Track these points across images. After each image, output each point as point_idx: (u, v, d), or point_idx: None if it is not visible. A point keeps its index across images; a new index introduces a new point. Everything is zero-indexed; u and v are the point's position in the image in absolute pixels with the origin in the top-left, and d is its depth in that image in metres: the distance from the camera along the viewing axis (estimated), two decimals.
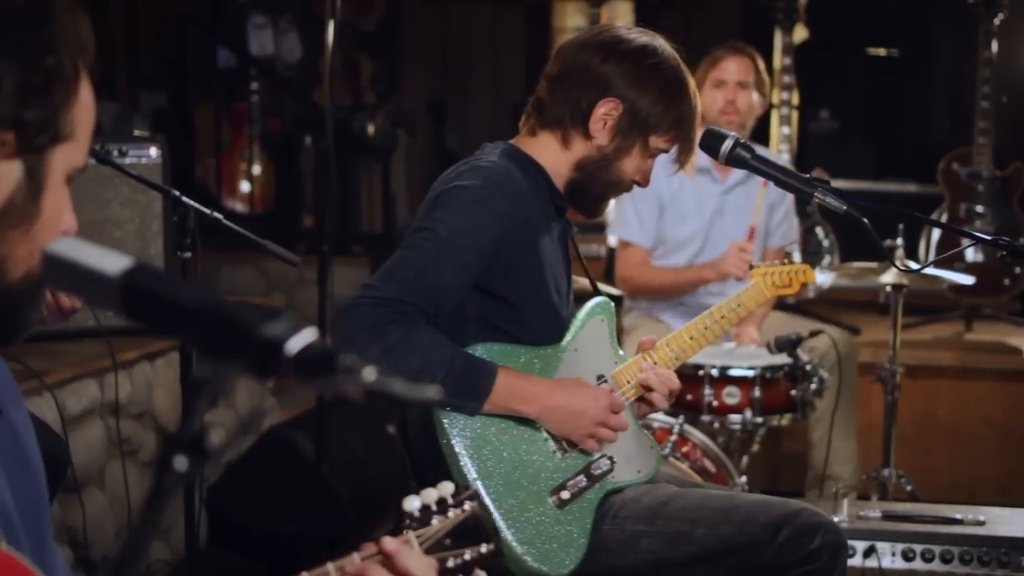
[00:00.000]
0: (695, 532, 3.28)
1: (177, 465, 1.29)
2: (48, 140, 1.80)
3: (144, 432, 5.20)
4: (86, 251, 1.54)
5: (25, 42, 1.78)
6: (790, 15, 7.65)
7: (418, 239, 3.21)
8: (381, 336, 3.07)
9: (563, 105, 3.37)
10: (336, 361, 1.39)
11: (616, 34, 3.38)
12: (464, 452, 3.19)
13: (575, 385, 3.29)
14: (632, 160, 3.38)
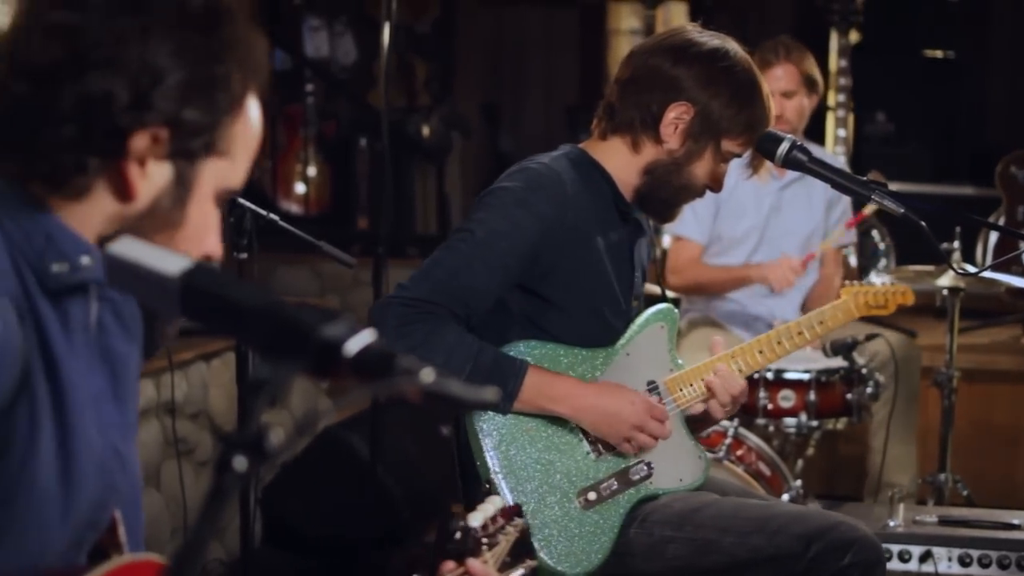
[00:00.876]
0: (724, 541, 3.23)
1: (236, 465, 1.29)
2: (202, 148, 1.82)
3: (200, 432, 5.22)
4: (146, 252, 1.55)
5: (195, 43, 1.80)
6: (847, 17, 7.61)
7: (456, 240, 3.24)
8: (406, 335, 3.10)
9: (633, 109, 3.33)
10: (394, 362, 1.39)
11: (687, 37, 3.34)
12: (489, 446, 3.21)
13: (611, 387, 3.28)
14: (704, 165, 3.33)
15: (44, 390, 1.77)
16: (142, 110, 1.77)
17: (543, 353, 3.28)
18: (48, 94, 1.77)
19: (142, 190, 1.80)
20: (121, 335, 1.89)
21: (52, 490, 1.78)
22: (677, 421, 3.41)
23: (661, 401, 3.37)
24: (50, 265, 1.78)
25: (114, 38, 1.77)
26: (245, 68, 1.85)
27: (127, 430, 1.94)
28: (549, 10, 11.07)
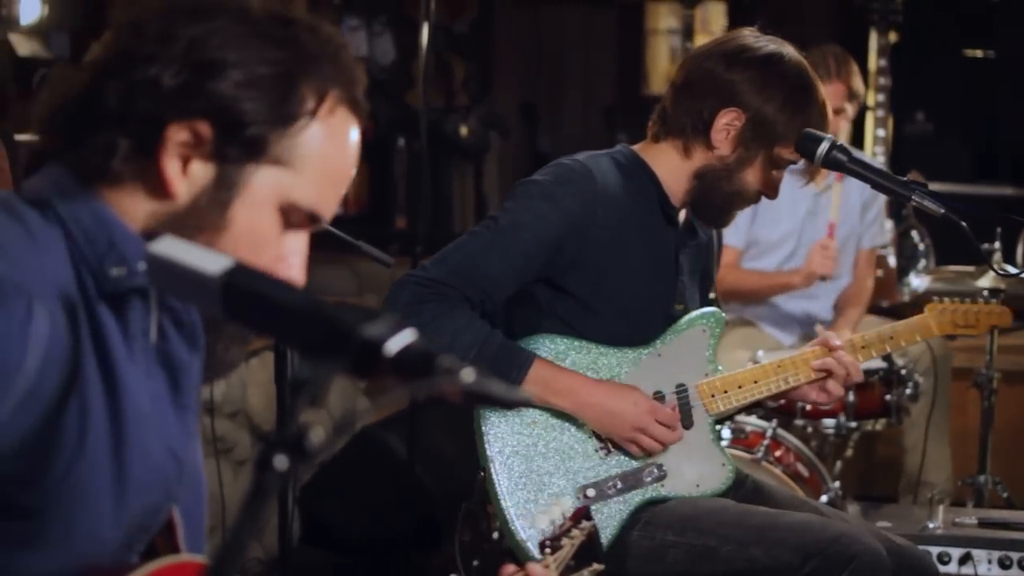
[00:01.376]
0: (722, 549, 3.18)
1: (277, 464, 1.29)
2: (248, 152, 1.80)
3: (238, 431, 5.24)
4: (187, 251, 1.56)
5: (256, 44, 1.79)
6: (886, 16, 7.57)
7: (480, 227, 3.27)
8: (415, 313, 3.13)
9: (685, 114, 3.32)
10: (435, 362, 1.40)
11: (742, 42, 3.33)
12: (489, 433, 3.23)
13: (616, 387, 3.27)
14: (756, 171, 3.31)
15: (99, 394, 1.77)
16: (183, 99, 1.76)
17: (563, 347, 3.28)
18: (99, 88, 1.78)
19: (180, 188, 1.79)
20: (182, 343, 1.88)
21: (104, 494, 1.79)
22: (704, 426, 3.39)
23: (688, 405, 3.35)
24: (109, 269, 1.78)
25: (172, 32, 1.77)
26: (322, 81, 1.83)
27: (187, 437, 1.94)
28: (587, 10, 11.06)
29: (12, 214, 1.79)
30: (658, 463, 3.31)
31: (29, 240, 1.75)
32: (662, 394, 3.34)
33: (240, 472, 5.29)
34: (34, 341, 1.67)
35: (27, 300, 1.67)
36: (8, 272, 1.68)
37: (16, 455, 1.70)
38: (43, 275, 1.73)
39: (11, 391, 1.66)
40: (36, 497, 1.73)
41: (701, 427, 3.37)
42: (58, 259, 1.76)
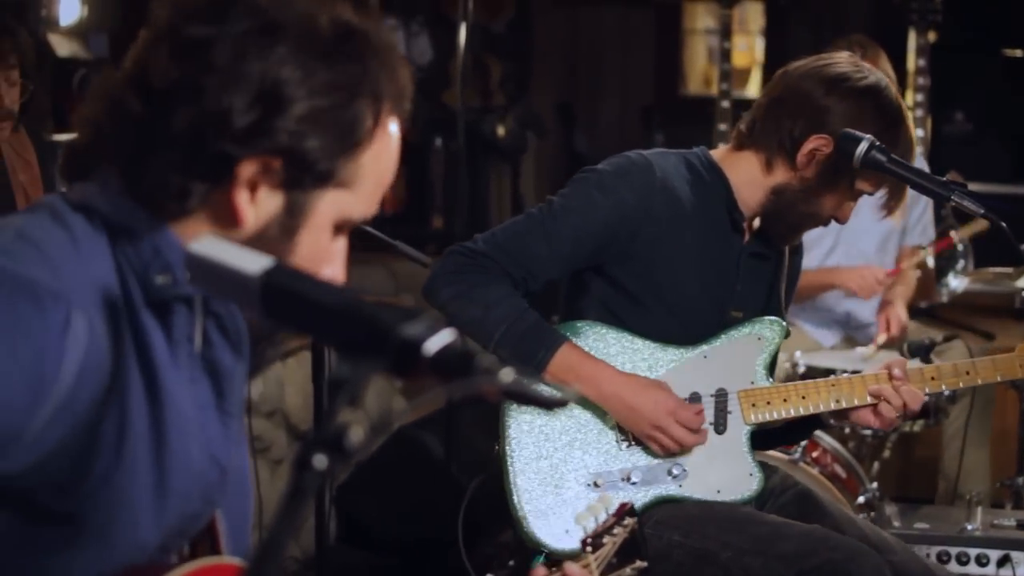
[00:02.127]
0: (722, 555, 3.16)
1: (316, 464, 1.29)
2: (317, 181, 1.80)
3: (275, 430, 5.25)
4: (227, 250, 1.56)
5: (324, 74, 1.78)
6: (925, 16, 7.53)
7: (535, 208, 3.30)
8: (454, 282, 3.19)
9: (774, 130, 3.30)
10: (474, 362, 1.39)
11: (844, 70, 3.29)
12: (510, 412, 3.25)
13: (642, 382, 3.26)
14: (834, 198, 3.30)
15: (141, 401, 1.77)
16: (256, 137, 1.75)
17: (603, 335, 3.29)
18: (163, 114, 1.76)
19: (249, 217, 1.79)
20: (227, 349, 1.88)
21: (144, 500, 1.79)
22: (738, 434, 3.36)
23: (725, 410, 3.34)
24: (154, 276, 1.78)
25: (240, 59, 1.75)
26: (380, 97, 1.82)
27: (232, 444, 1.94)
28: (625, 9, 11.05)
29: (57, 219, 1.79)
30: (679, 463, 3.31)
31: (72, 246, 1.75)
32: (698, 396, 3.33)
33: (277, 471, 5.30)
34: (71, 349, 1.67)
35: (66, 308, 1.68)
36: (47, 280, 1.68)
37: (53, 461, 1.70)
38: (84, 282, 1.73)
39: (47, 399, 1.66)
40: (73, 502, 1.73)
41: (735, 434, 3.35)
42: (102, 265, 1.77)
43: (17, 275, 1.67)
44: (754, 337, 3.38)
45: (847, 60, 3.35)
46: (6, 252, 1.71)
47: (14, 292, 1.66)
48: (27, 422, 1.66)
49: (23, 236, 1.74)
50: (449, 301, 3.18)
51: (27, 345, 1.65)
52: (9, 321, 1.64)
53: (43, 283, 1.68)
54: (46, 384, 1.66)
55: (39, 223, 1.78)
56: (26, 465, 1.69)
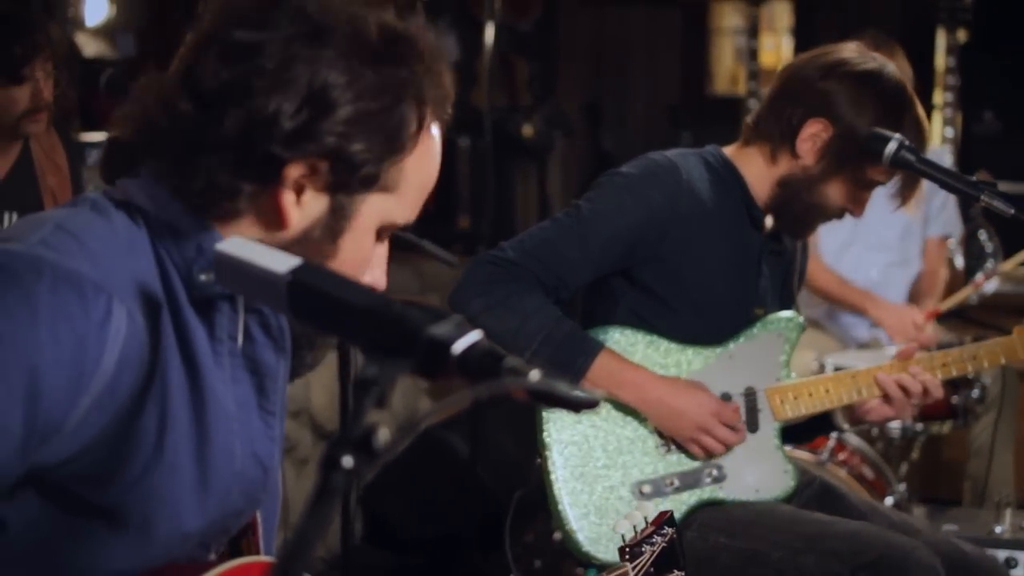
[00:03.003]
0: (773, 555, 3.15)
1: (344, 464, 1.29)
2: (362, 184, 1.81)
3: (301, 430, 5.25)
4: (255, 250, 1.56)
5: (371, 78, 1.79)
6: (954, 14, 7.50)
7: (562, 214, 3.29)
8: (487, 292, 3.16)
9: (776, 120, 3.31)
10: (502, 362, 1.39)
11: (842, 56, 3.29)
12: (549, 419, 3.23)
13: (683, 385, 3.26)
14: (840, 186, 3.28)
15: (183, 397, 1.78)
16: (304, 140, 1.76)
17: (634, 340, 3.28)
18: (213, 115, 1.77)
19: (294, 219, 1.80)
20: (269, 347, 1.90)
21: (185, 496, 1.80)
22: (769, 431, 3.36)
23: (755, 409, 3.33)
24: (198, 274, 1.79)
25: (289, 62, 1.76)
26: (424, 102, 1.83)
27: (273, 442, 1.95)
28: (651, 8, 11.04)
29: (98, 212, 1.80)
30: (718, 464, 3.30)
31: (114, 240, 1.77)
32: (729, 396, 3.32)
33: (303, 471, 5.31)
34: (112, 340, 1.69)
35: (107, 299, 1.69)
36: (90, 271, 1.70)
37: (91, 453, 1.72)
38: (126, 276, 1.74)
39: (88, 388, 1.68)
40: (112, 496, 1.75)
41: (766, 432, 3.35)
42: (143, 261, 1.78)
43: (59, 265, 1.69)
44: (775, 334, 3.38)
45: (850, 48, 3.35)
46: (46, 243, 1.72)
47: (55, 282, 1.67)
48: (68, 412, 1.68)
49: (63, 228, 1.75)
50: (482, 312, 3.14)
51: (70, 334, 1.66)
52: (52, 311, 1.66)
53: (84, 274, 1.69)
54: (87, 374, 1.67)
55: (80, 216, 1.80)
56: (65, 456, 1.71)
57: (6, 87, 3.98)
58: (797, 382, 3.38)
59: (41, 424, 1.66)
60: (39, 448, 1.68)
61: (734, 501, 3.30)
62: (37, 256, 1.69)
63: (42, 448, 1.68)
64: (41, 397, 1.65)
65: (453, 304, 3.21)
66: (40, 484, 1.73)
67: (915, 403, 3.35)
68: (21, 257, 1.69)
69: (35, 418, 1.65)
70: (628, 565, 2.24)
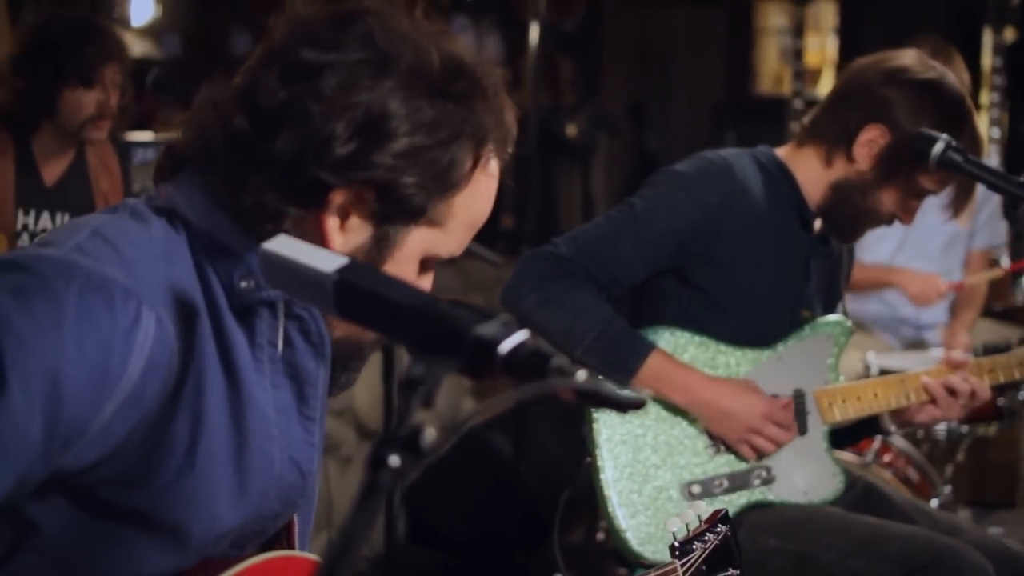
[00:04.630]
0: (824, 558, 3.13)
1: (391, 463, 1.29)
2: (408, 217, 1.81)
3: (344, 429, 5.26)
4: (301, 249, 1.56)
5: (429, 110, 1.78)
6: (1001, 14, 7.45)
7: (615, 210, 3.28)
8: (540, 288, 3.15)
9: (833, 123, 3.29)
10: (548, 362, 1.39)
11: (904, 63, 3.26)
12: (599, 419, 3.21)
13: (734, 386, 3.24)
14: (893, 193, 3.25)
15: (222, 403, 1.78)
16: (353, 168, 1.76)
17: (683, 341, 3.27)
18: (266, 134, 1.77)
19: (337, 243, 1.80)
20: (310, 353, 1.88)
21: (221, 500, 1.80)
22: (818, 434, 3.35)
23: (804, 411, 3.32)
24: (238, 282, 1.79)
25: (348, 89, 1.76)
26: (483, 140, 1.83)
27: (312, 448, 1.94)
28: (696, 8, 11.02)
29: (137, 218, 1.80)
30: (767, 466, 3.29)
31: (148, 246, 1.76)
32: (778, 398, 3.31)
33: (347, 470, 5.32)
34: (139, 347, 1.68)
35: (136, 306, 1.69)
36: (121, 277, 1.70)
37: (118, 458, 1.71)
38: (159, 281, 1.74)
39: (112, 395, 1.68)
40: (143, 500, 1.75)
41: (815, 435, 3.34)
42: (180, 268, 1.78)
43: (90, 272, 1.69)
44: (823, 337, 3.37)
45: (912, 55, 3.32)
46: (81, 249, 1.72)
47: (84, 288, 1.67)
48: (92, 417, 1.67)
49: (99, 233, 1.76)
50: (534, 308, 3.14)
51: (94, 341, 1.66)
52: (78, 316, 1.66)
53: (115, 280, 1.69)
54: (111, 380, 1.67)
55: (117, 222, 1.80)
56: (91, 460, 1.70)
57: (75, 89, 4.02)
58: (846, 385, 3.36)
59: (64, 429, 1.66)
60: (62, 453, 1.68)
61: (783, 503, 3.29)
62: (70, 262, 1.69)
63: (66, 453, 1.68)
64: (63, 403, 1.65)
65: (505, 300, 3.20)
66: (70, 488, 1.73)
67: (963, 405, 3.33)
68: (53, 263, 1.69)
69: (57, 424, 1.65)
70: (677, 563, 2.23)
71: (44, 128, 4.11)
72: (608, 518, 3.19)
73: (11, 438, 1.63)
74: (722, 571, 2.28)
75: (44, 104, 4.05)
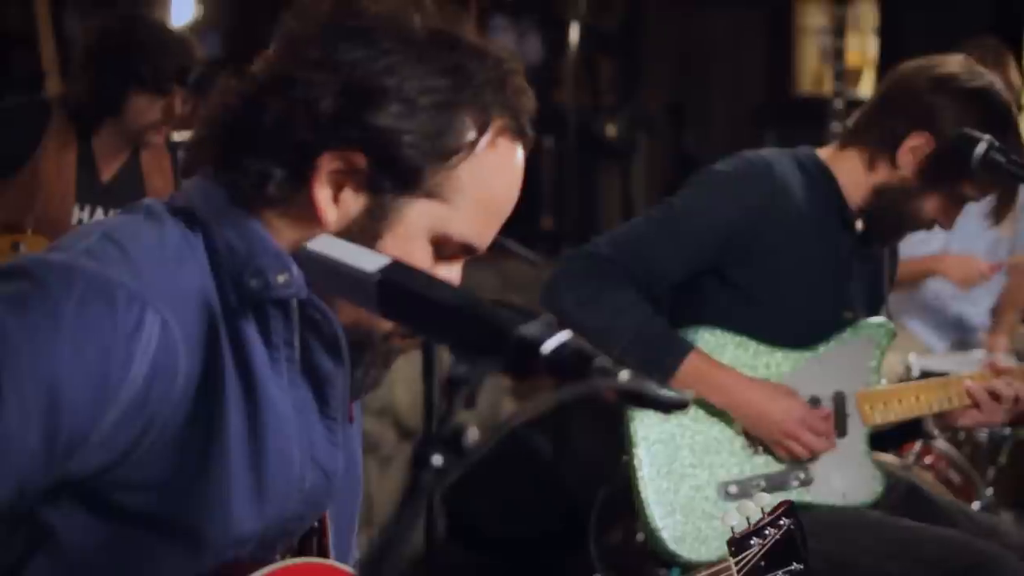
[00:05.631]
0: (861, 561, 3.12)
1: (434, 463, 1.29)
2: (402, 184, 1.77)
3: (384, 428, 5.27)
4: (344, 249, 1.56)
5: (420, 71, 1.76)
6: None
7: (655, 209, 3.29)
8: (579, 288, 3.15)
9: (878, 127, 3.28)
10: (591, 362, 1.38)
11: (953, 70, 3.25)
12: (637, 417, 3.21)
13: (772, 389, 3.24)
14: (935, 200, 3.25)
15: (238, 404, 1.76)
16: (340, 128, 1.74)
17: (724, 341, 3.27)
18: (256, 104, 1.77)
19: (330, 217, 1.77)
20: (326, 355, 1.86)
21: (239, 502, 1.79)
22: (858, 436, 3.34)
23: (844, 413, 3.30)
24: (248, 280, 1.77)
25: (331, 53, 1.75)
26: (485, 110, 1.79)
27: (336, 447, 1.92)
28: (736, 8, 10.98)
29: (150, 220, 1.79)
30: (805, 467, 3.28)
31: (160, 249, 1.75)
32: (818, 399, 3.30)
33: (387, 469, 5.32)
34: (141, 351, 1.67)
35: (140, 309, 1.67)
36: (127, 280, 1.68)
37: (127, 463, 1.70)
38: (168, 285, 1.72)
39: (114, 401, 1.66)
40: (157, 504, 1.73)
41: (855, 437, 3.32)
42: (194, 269, 1.76)
43: (94, 276, 1.67)
44: (865, 339, 3.36)
45: (960, 62, 3.30)
46: (89, 252, 1.71)
47: (87, 292, 1.66)
48: (93, 424, 1.66)
49: (109, 236, 1.74)
50: (574, 307, 3.14)
51: (94, 346, 1.64)
52: (79, 322, 1.64)
53: (119, 283, 1.68)
54: (112, 386, 1.66)
55: (130, 224, 1.79)
56: (98, 466, 1.69)
57: (145, 95, 4.05)
58: (887, 388, 3.36)
59: (65, 437, 1.65)
60: (65, 461, 1.67)
61: (821, 505, 3.28)
62: (73, 266, 1.68)
63: (69, 460, 1.67)
64: (62, 410, 1.64)
65: (544, 299, 3.20)
66: (83, 492, 1.72)
67: (1006, 409, 3.32)
68: (55, 268, 1.69)
69: (57, 431, 1.64)
70: (731, 560, 2.20)
71: (106, 126, 4.14)
72: (644, 517, 3.19)
73: (8, 447, 1.62)
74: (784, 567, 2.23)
75: (112, 104, 4.08)
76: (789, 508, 2.31)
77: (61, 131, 4.14)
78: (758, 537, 2.23)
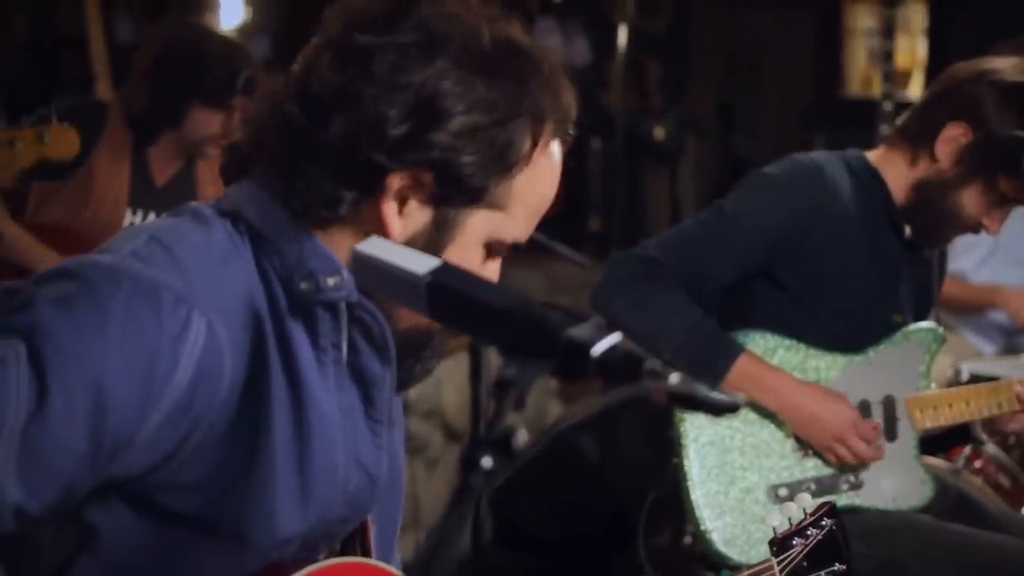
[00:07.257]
0: (911, 566, 3.11)
1: (484, 464, 1.29)
2: (468, 198, 1.80)
3: (431, 430, 5.28)
4: (394, 251, 1.56)
5: (484, 89, 1.78)
6: None
7: (706, 212, 3.28)
8: (627, 290, 3.15)
9: (920, 121, 3.28)
10: (642, 365, 1.38)
11: (996, 65, 3.23)
12: (687, 419, 3.21)
13: (823, 393, 3.23)
14: (974, 196, 3.22)
15: (285, 406, 1.77)
16: (408, 150, 1.75)
17: (773, 344, 3.26)
18: (320, 120, 1.77)
19: (396, 229, 1.79)
20: (374, 356, 1.87)
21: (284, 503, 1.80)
22: (908, 441, 3.33)
23: (894, 417, 3.29)
24: (298, 283, 1.78)
25: (400, 70, 1.75)
26: (541, 118, 1.81)
27: (381, 450, 1.93)
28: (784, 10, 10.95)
29: (198, 223, 1.81)
30: (855, 472, 3.27)
31: (207, 251, 1.76)
32: (868, 403, 3.29)
33: (434, 471, 5.33)
34: (187, 354, 1.68)
35: (187, 311, 1.69)
36: (174, 283, 1.70)
37: (172, 464, 1.72)
38: (215, 287, 1.73)
39: (159, 403, 1.68)
40: (202, 505, 1.75)
41: (905, 441, 3.31)
42: (241, 271, 1.77)
43: (141, 277, 1.69)
44: (915, 343, 3.35)
45: (1009, 60, 3.28)
46: (136, 254, 1.72)
47: (134, 294, 1.67)
48: (139, 425, 1.67)
49: (156, 239, 1.76)
50: (623, 310, 3.14)
51: (140, 348, 1.66)
52: (125, 324, 1.66)
53: (166, 285, 1.69)
54: (157, 388, 1.67)
55: (177, 226, 1.80)
56: (143, 467, 1.71)
57: (206, 109, 4.06)
58: (937, 393, 3.34)
59: (110, 439, 1.66)
60: (110, 462, 1.68)
61: (871, 508, 3.26)
62: (121, 268, 1.70)
63: (114, 462, 1.68)
64: (108, 412, 1.65)
65: (594, 302, 3.20)
66: (128, 493, 1.73)
67: None
68: (103, 269, 1.70)
69: (103, 433, 1.65)
70: (773, 560, 2.19)
71: (164, 134, 4.15)
72: (693, 519, 3.18)
73: (55, 448, 1.64)
74: (826, 567, 2.23)
75: (172, 115, 4.09)
76: (831, 508, 2.31)
77: (117, 134, 4.16)
78: (800, 537, 2.23)
